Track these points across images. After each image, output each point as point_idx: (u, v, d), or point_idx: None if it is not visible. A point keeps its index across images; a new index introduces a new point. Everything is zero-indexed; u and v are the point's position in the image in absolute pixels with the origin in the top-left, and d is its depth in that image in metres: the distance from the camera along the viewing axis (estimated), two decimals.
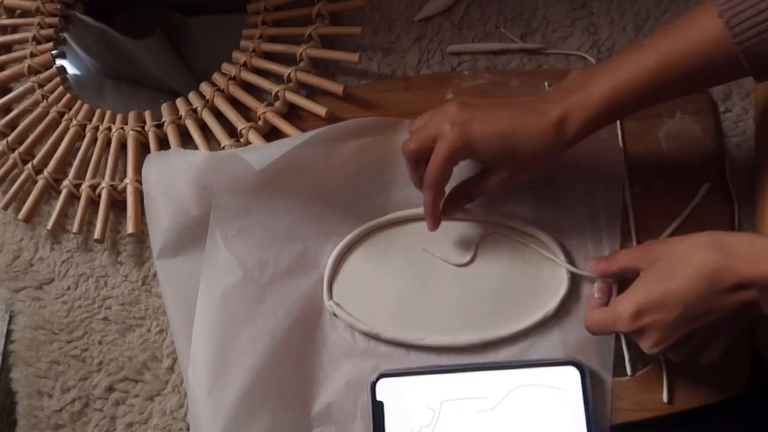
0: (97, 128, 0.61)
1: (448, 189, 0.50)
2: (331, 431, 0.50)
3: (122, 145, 0.61)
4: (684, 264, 0.40)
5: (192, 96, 0.61)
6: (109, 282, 0.58)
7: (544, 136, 0.45)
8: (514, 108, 0.46)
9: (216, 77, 0.62)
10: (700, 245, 0.40)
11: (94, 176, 0.59)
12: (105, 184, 0.58)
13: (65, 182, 0.59)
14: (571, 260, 0.52)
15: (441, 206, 0.50)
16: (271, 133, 0.59)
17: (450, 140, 0.45)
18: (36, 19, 0.67)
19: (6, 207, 0.60)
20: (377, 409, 0.49)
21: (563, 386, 0.49)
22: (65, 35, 0.67)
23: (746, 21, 0.40)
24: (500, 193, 0.53)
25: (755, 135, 0.55)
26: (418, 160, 0.49)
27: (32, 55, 0.65)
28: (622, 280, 0.48)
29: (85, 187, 0.59)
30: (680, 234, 0.48)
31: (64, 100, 0.63)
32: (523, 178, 0.49)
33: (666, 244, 0.43)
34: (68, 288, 0.58)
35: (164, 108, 0.61)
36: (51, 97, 0.63)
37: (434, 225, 0.50)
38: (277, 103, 0.59)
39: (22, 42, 0.67)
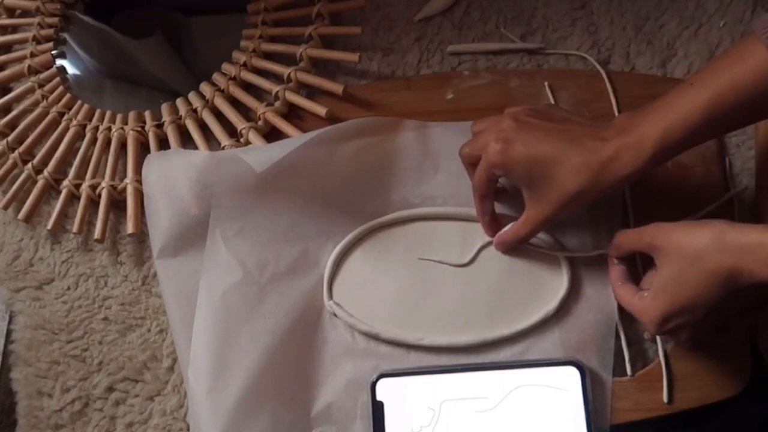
0: (97, 128, 0.61)
1: None
2: (331, 431, 0.50)
3: (122, 145, 0.61)
4: (698, 269, 0.41)
5: (192, 96, 0.61)
6: (109, 282, 0.58)
7: (587, 172, 0.44)
8: (563, 136, 0.45)
9: (216, 77, 0.62)
10: (713, 251, 0.40)
11: (94, 176, 0.59)
12: (105, 184, 0.58)
13: (65, 182, 0.59)
14: (571, 260, 0.52)
15: (490, 213, 0.51)
16: (271, 133, 0.59)
17: (490, 157, 0.46)
18: (36, 19, 0.67)
19: (6, 207, 0.60)
20: (377, 409, 0.49)
21: (563, 386, 0.49)
22: (65, 35, 0.67)
23: None
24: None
25: (755, 135, 0.55)
26: (472, 164, 0.49)
27: (32, 55, 0.65)
28: None
29: (85, 187, 0.59)
30: None
31: (64, 100, 0.63)
32: (559, 216, 0.47)
33: (673, 237, 0.43)
34: (68, 288, 0.58)
35: (164, 108, 0.61)
36: (51, 97, 0.63)
37: (488, 230, 0.52)
38: (277, 103, 0.59)
39: (22, 42, 0.67)
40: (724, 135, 0.55)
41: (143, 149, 0.61)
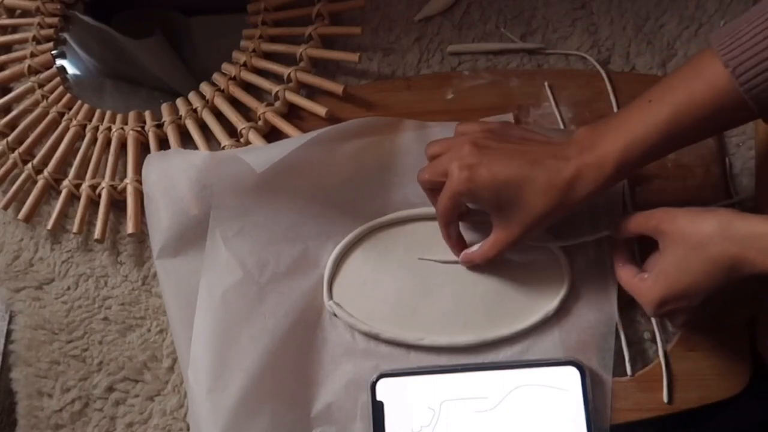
0: (97, 128, 0.61)
1: None
2: (331, 431, 0.50)
3: (122, 145, 0.61)
4: (702, 256, 0.41)
5: (192, 96, 0.61)
6: (109, 282, 0.58)
7: (552, 192, 0.44)
8: (525, 158, 0.45)
9: (216, 77, 0.62)
10: (718, 239, 0.40)
11: (94, 176, 0.59)
12: (105, 184, 0.58)
13: (65, 182, 0.59)
14: (571, 260, 0.52)
15: (456, 235, 0.51)
16: (271, 133, 0.59)
17: (455, 183, 0.46)
18: (36, 19, 0.67)
19: (6, 207, 0.60)
20: (377, 409, 0.49)
21: (563, 386, 0.49)
22: (65, 35, 0.67)
23: (752, 69, 0.39)
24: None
25: (755, 135, 0.55)
26: (432, 190, 0.49)
27: (32, 55, 0.65)
28: None
29: (85, 187, 0.59)
30: None
31: (64, 100, 0.63)
32: (527, 236, 0.47)
33: (679, 222, 0.43)
34: (68, 288, 0.58)
35: (164, 108, 0.61)
36: (51, 97, 0.63)
37: (455, 251, 0.52)
38: (277, 103, 0.59)
39: (22, 42, 0.67)
40: (724, 136, 0.56)
41: (143, 149, 0.61)
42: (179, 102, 0.61)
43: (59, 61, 0.66)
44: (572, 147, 0.45)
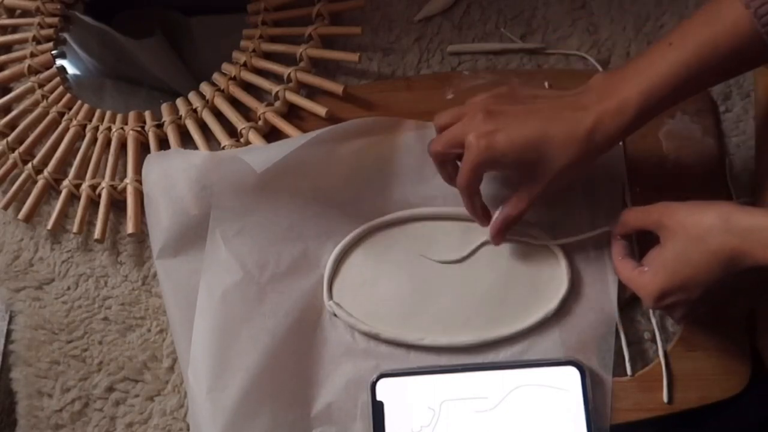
0: (97, 128, 0.61)
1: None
2: (331, 431, 0.50)
3: (122, 145, 0.61)
4: (702, 249, 0.41)
5: (192, 96, 0.61)
6: (109, 282, 0.58)
7: (574, 144, 0.44)
8: (541, 115, 0.45)
9: (216, 77, 0.62)
10: (718, 231, 0.40)
11: (94, 176, 0.59)
12: (105, 184, 0.58)
13: (65, 182, 0.59)
14: (571, 260, 0.52)
15: (480, 205, 0.50)
16: (271, 133, 0.59)
17: (475, 153, 0.45)
18: (36, 19, 0.67)
19: (6, 207, 0.60)
20: (377, 409, 0.49)
21: (563, 386, 0.49)
22: (65, 35, 0.67)
23: None
24: (500, 195, 0.53)
25: (755, 135, 0.55)
26: (444, 162, 0.49)
27: (32, 55, 0.65)
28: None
29: (85, 187, 0.59)
30: None
31: (64, 100, 0.63)
32: (551, 190, 0.47)
33: (680, 216, 0.43)
34: (68, 288, 0.58)
35: (164, 108, 0.61)
36: (51, 97, 0.63)
37: (483, 222, 0.51)
38: (277, 103, 0.59)
39: (22, 42, 0.67)
40: (724, 136, 0.56)
41: (143, 149, 0.61)
42: (179, 102, 0.61)
43: (59, 61, 0.66)
44: (589, 95, 0.45)
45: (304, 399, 0.51)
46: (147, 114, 0.61)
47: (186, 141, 0.60)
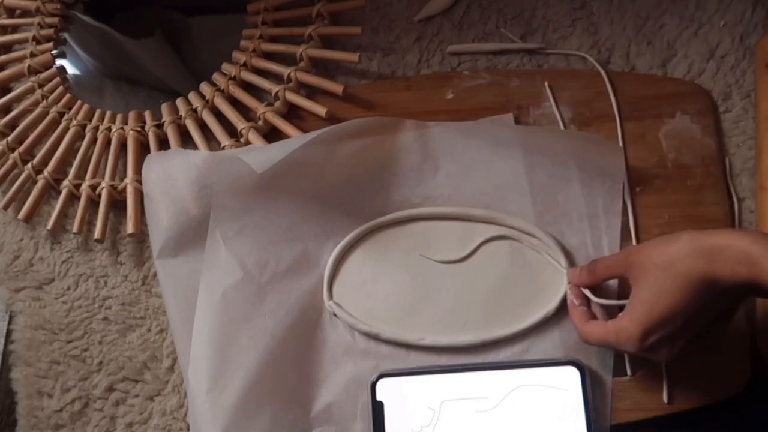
0: (97, 128, 0.61)
1: None
2: (331, 431, 0.50)
3: (122, 145, 0.61)
4: (673, 275, 0.41)
5: (192, 96, 0.61)
6: (109, 282, 0.58)
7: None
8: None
9: (216, 77, 0.62)
10: (685, 254, 0.40)
11: (94, 176, 0.59)
12: (105, 184, 0.58)
13: (65, 182, 0.59)
14: (571, 260, 0.52)
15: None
16: (271, 133, 0.59)
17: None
18: (36, 19, 0.67)
19: (6, 207, 0.60)
20: (377, 409, 0.49)
21: (563, 386, 0.49)
22: (65, 35, 0.67)
23: None
24: (500, 194, 0.54)
25: (755, 135, 0.55)
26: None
27: (32, 55, 0.65)
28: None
29: (85, 187, 0.59)
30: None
31: (64, 100, 0.63)
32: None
33: (647, 250, 0.43)
34: (68, 288, 0.58)
35: (164, 108, 0.61)
36: (51, 97, 0.63)
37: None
38: (277, 103, 0.59)
39: (22, 42, 0.67)
40: (724, 136, 0.56)
41: (143, 149, 0.61)
42: (179, 102, 0.61)
43: (59, 61, 0.66)
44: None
45: (304, 399, 0.51)
46: (147, 114, 0.61)
47: (186, 141, 0.60)
